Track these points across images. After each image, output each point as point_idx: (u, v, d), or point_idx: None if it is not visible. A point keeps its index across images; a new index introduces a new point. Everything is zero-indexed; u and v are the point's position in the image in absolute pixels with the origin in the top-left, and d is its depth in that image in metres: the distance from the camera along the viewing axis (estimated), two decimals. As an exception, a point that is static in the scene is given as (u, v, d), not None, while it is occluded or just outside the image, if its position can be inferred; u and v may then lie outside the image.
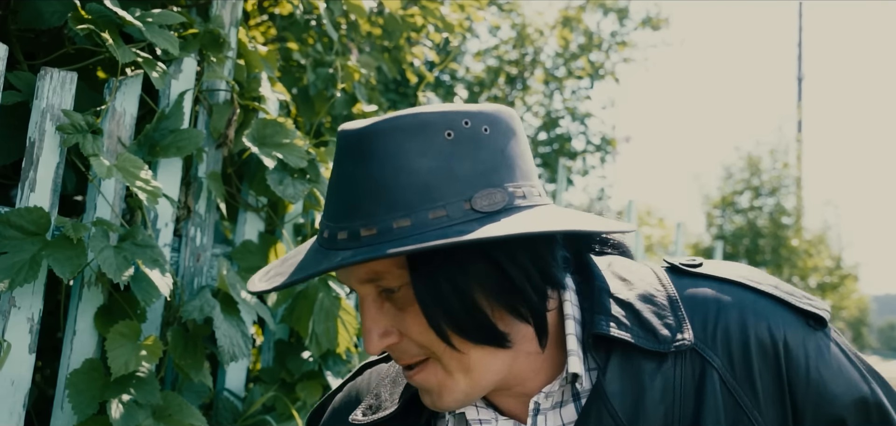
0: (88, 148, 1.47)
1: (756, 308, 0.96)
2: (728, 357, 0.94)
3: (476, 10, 3.49)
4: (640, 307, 0.97)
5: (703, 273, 1.02)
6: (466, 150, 0.91)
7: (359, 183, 0.91)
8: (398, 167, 0.89)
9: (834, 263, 16.12)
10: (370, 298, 0.95)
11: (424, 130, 0.90)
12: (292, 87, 2.54)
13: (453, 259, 0.89)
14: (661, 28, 9.88)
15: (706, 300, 0.98)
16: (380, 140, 0.90)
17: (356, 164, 0.92)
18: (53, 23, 1.63)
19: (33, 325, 1.45)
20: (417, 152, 0.89)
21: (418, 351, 0.95)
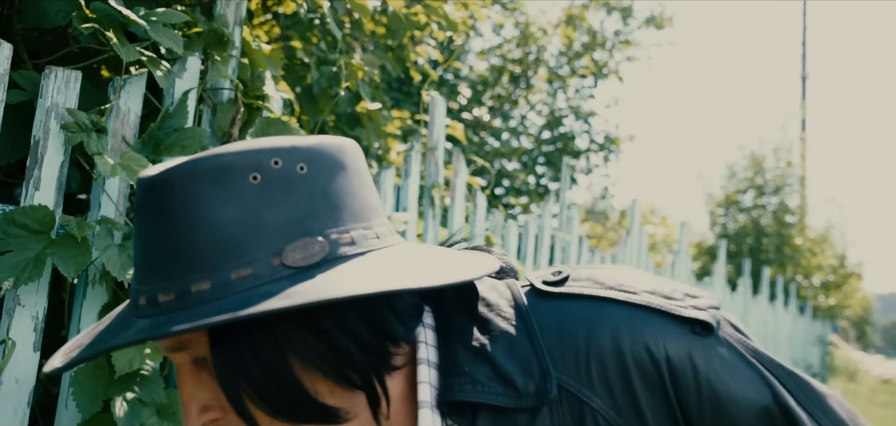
0: (93, 146, 1.48)
1: (631, 325, 0.84)
2: (608, 392, 0.83)
3: (480, 8, 3.49)
4: (498, 355, 0.84)
5: (568, 292, 0.89)
6: (277, 194, 0.78)
7: (155, 240, 0.79)
8: (196, 220, 0.76)
9: (838, 262, 16.12)
10: (185, 368, 0.83)
11: (225, 175, 0.77)
12: (296, 86, 2.54)
13: (261, 328, 0.76)
14: (664, 27, 9.90)
15: (574, 330, 0.85)
16: (175, 189, 0.77)
17: (152, 217, 0.79)
18: (58, 22, 1.64)
19: (38, 324, 1.46)
20: (218, 201, 0.76)
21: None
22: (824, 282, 15.25)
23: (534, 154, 8.82)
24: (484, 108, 8.05)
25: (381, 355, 0.82)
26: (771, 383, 0.85)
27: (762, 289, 9.61)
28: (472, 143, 7.28)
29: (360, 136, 2.76)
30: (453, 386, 0.84)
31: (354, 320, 0.79)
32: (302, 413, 0.79)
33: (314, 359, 0.78)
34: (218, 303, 0.74)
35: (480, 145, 7.79)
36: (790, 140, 14.76)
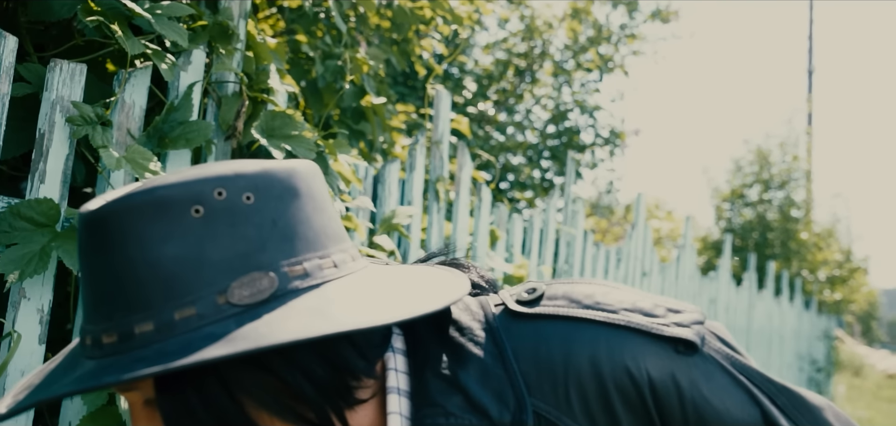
0: (98, 139, 1.48)
1: (610, 347, 0.80)
2: (588, 419, 0.79)
3: (485, 2, 3.49)
4: (470, 384, 0.81)
5: (543, 313, 0.84)
6: (221, 227, 0.73)
7: (97, 278, 0.75)
8: (135, 258, 0.72)
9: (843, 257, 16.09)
10: (137, 408, 0.80)
11: (166, 210, 0.72)
12: (301, 80, 2.54)
13: (210, 372, 0.73)
14: (670, 21, 9.87)
15: (551, 355, 0.81)
16: (112, 226, 0.73)
17: (93, 254, 0.75)
18: (63, 15, 1.64)
19: (43, 316, 1.46)
20: (160, 238, 0.72)
21: None
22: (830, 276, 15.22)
23: (539, 148, 8.82)
24: (489, 102, 8.04)
25: (340, 391, 0.78)
26: (760, 401, 0.81)
27: (767, 284, 9.59)
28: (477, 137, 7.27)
29: (365, 130, 2.76)
30: (424, 419, 0.80)
31: (308, 359, 0.75)
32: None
33: (266, 400, 0.74)
34: (161, 344, 0.70)
35: (485, 139, 7.78)
36: (796, 134, 14.72)
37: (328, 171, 1.95)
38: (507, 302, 0.87)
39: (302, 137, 1.87)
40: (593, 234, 4.80)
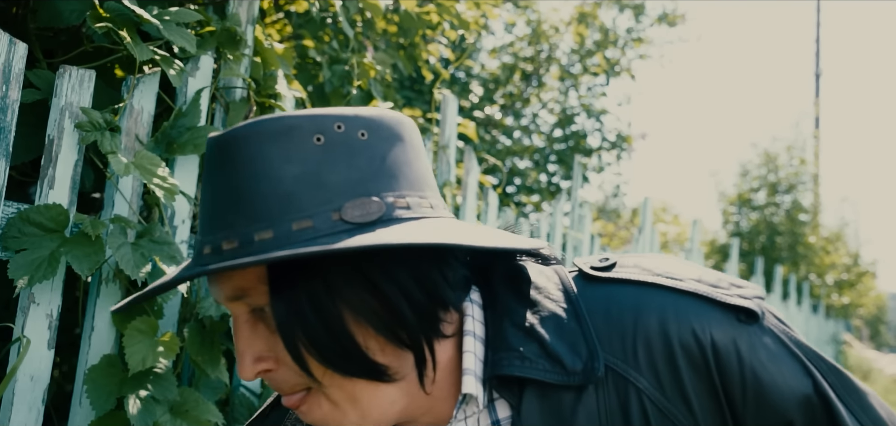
0: (106, 145, 1.48)
1: (677, 310, 0.85)
2: (654, 374, 0.84)
3: (491, 7, 3.49)
4: (546, 334, 0.86)
5: (616, 277, 0.91)
6: (338, 156, 0.82)
7: (221, 193, 0.83)
8: (259, 174, 0.81)
9: (851, 260, 16.03)
10: (242, 319, 0.86)
11: (290, 135, 0.82)
12: (308, 85, 2.54)
13: (318, 276, 0.80)
14: (677, 24, 9.86)
15: (622, 313, 0.87)
16: (240, 146, 0.82)
17: (218, 172, 0.84)
18: (72, 21, 1.65)
19: (52, 322, 1.47)
20: (281, 158, 0.81)
21: (298, 380, 0.85)
22: (838, 280, 15.16)
23: (545, 152, 8.81)
24: (496, 106, 8.04)
25: (431, 318, 0.85)
26: (813, 374, 0.86)
27: (775, 288, 9.57)
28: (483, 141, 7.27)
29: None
30: (502, 361, 0.85)
31: (406, 278, 0.82)
32: (352, 366, 0.82)
33: (367, 314, 0.81)
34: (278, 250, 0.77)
35: (492, 143, 7.78)
36: (804, 138, 14.68)
37: (335, 176, 1.95)
38: (581, 267, 0.94)
39: (309, 143, 1.88)
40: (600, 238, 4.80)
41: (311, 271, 0.80)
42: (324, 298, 0.80)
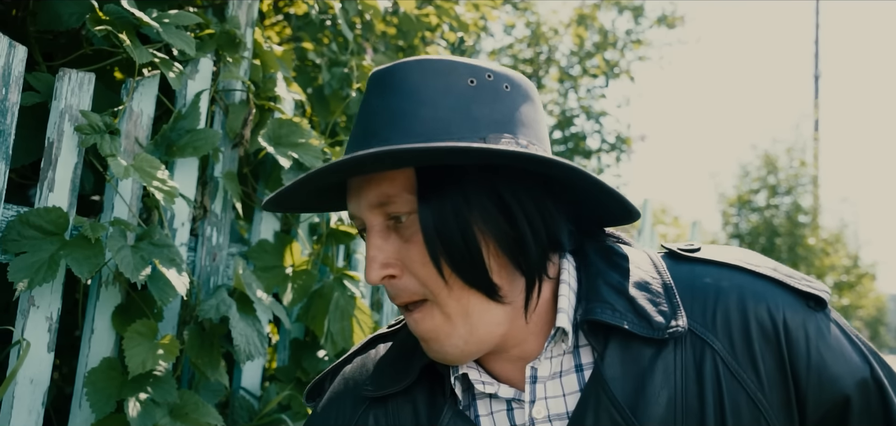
0: (106, 148, 1.49)
1: (755, 290, 0.95)
2: (729, 339, 0.93)
3: (490, 9, 3.49)
4: (635, 294, 0.96)
5: (701, 257, 1.01)
6: (485, 98, 0.94)
7: (380, 113, 0.95)
8: (419, 100, 0.93)
9: (851, 262, 16.02)
10: (377, 227, 0.95)
11: (449, 73, 0.95)
12: (308, 87, 2.54)
13: (461, 191, 0.91)
14: (676, 26, 9.86)
15: (704, 285, 0.97)
16: (405, 75, 0.95)
17: (380, 96, 0.96)
18: (71, 24, 1.65)
19: (52, 324, 1.47)
20: (440, 91, 0.93)
21: (418, 289, 0.95)
22: (838, 282, 15.16)
23: (545, 154, 8.79)
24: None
25: (545, 252, 0.96)
26: (870, 362, 0.95)
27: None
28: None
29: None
30: (594, 309, 0.95)
31: (533, 210, 0.93)
32: (476, 277, 0.92)
33: (496, 232, 0.92)
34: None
35: (491, 145, 7.76)
36: (803, 139, 14.67)
37: (335, 179, 1.96)
38: (669, 248, 1.05)
39: (309, 145, 1.88)
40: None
41: (455, 184, 0.91)
42: (463, 209, 0.91)
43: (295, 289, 1.95)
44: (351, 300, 2.01)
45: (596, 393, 0.93)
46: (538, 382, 0.99)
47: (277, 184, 1.92)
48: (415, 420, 1.04)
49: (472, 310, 0.94)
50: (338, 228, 2.08)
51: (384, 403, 1.08)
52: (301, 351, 2.08)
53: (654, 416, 0.91)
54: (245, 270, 1.79)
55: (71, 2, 1.65)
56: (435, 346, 0.97)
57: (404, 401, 1.06)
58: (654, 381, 0.92)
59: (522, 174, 0.93)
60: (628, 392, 0.93)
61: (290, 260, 1.99)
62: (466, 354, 0.96)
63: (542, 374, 0.99)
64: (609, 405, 0.92)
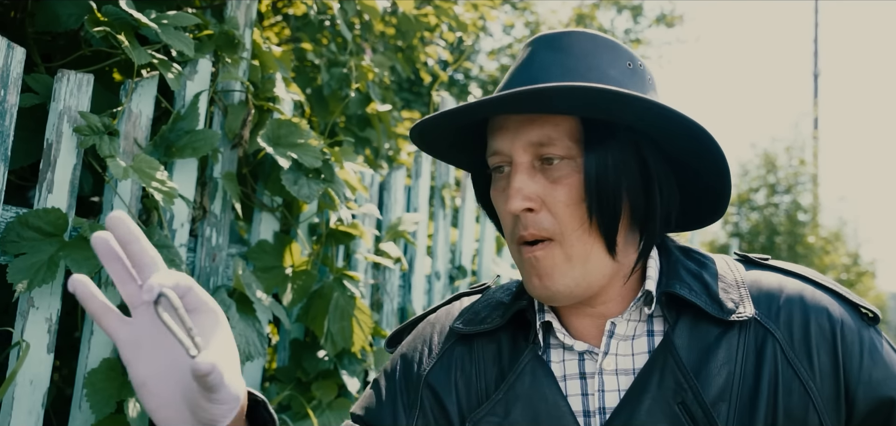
0: (105, 149, 1.49)
1: (816, 297, 1.05)
2: (789, 331, 1.02)
3: (489, 9, 3.49)
4: (709, 281, 1.07)
5: (770, 264, 1.12)
6: (636, 82, 1.06)
7: (550, 66, 1.04)
8: (589, 65, 1.04)
9: (851, 260, 16.00)
10: (525, 164, 1.04)
11: (614, 50, 1.07)
12: (307, 88, 2.54)
13: (619, 147, 1.02)
14: (675, 25, 9.87)
15: (771, 285, 1.07)
16: (578, 40, 1.07)
17: (551, 52, 1.06)
18: (70, 25, 1.65)
19: (51, 326, 1.47)
20: (606, 62, 1.05)
21: (551, 227, 1.03)
22: (837, 280, 15.16)
23: (544, 154, 8.79)
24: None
25: (664, 225, 1.08)
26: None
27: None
28: (482, 143, 7.26)
29: (371, 137, 2.77)
30: (674, 284, 1.06)
31: (665, 184, 1.06)
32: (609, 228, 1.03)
33: (633, 194, 1.04)
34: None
35: (491, 145, 7.76)
36: (803, 138, 14.64)
37: (334, 179, 1.96)
38: (743, 254, 1.16)
39: (308, 145, 1.88)
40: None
41: (615, 139, 1.02)
42: (620, 164, 1.02)
43: (295, 289, 1.95)
44: (351, 300, 2.01)
45: (664, 355, 1.03)
46: (614, 338, 1.08)
47: (277, 184, 1.91)
48: (498, 359, 1.14)
49: (591, 256, 1.04)
50: (337, 228, 2.08)
51: (470, 341, 1.17)
52: (301, 351, 2.08)
53: (713, 386, 1.00)
54: (245, 271, 1.79)
55: (69, 3, 1.65)
56: (547, 282, 1.04)
57: (489, 341, 1.16)
58: (717, 357, 1.01)
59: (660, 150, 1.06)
60: (693, 360, 1.02)
61: (289, 260, 1.99)
62: (573, 296, 1.05)
63: (619, 332, 1.08)
64: (675, 367, 1.01)
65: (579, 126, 1.03)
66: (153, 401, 0.86)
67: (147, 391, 0.86)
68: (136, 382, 0.86)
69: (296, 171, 1.87)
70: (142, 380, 0.86)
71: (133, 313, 0.87)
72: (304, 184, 1.86)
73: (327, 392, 2.00)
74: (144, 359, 0.86)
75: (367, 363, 2.12)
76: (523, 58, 1.09)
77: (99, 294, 0.85)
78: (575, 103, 0.98)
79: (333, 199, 1.97)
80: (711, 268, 1.11)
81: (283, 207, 2.03)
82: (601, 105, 0.97)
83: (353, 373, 2.05)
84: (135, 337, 0.86)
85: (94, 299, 0.84)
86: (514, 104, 0.99)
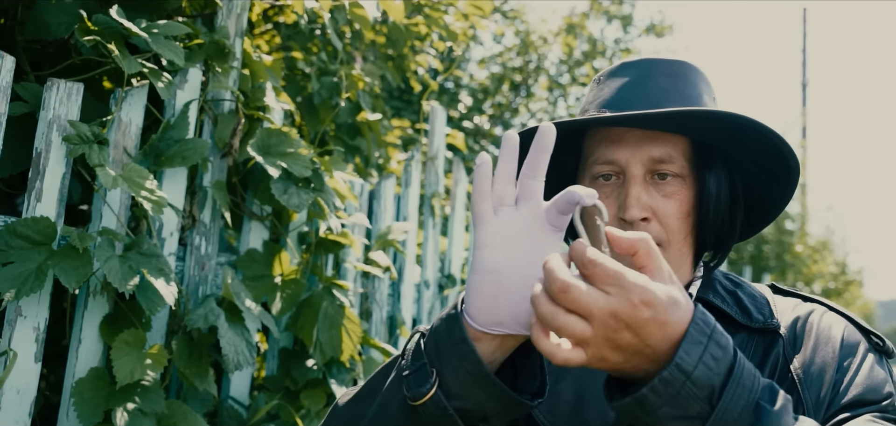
0: (94, 158, 1.48)
1: (829, 315, 1.15)
2: (792, 333, 1.12)
3: (479, 18, 3.50)
4: (742, 296, 1.18)
5: (797, 293, 1.22)
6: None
7: (669, 90, 1.16)
8: (697, 93, 1.18)
9: (839, 269, 16.09)
10: (640, 177, 1.14)
11: (707, 84, 1.22)
12: (297, 96, 2.55)
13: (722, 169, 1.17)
14: (665, 35, 9.89)
15: (795, 307, 1.17)
16: (689, 70, 1.20)
17: (667, 79, 1.18)
18: (60, 34, 1.65)
19: (39, 335, 1.46)
20: (706, 94, 1.20)
21: (659, 235, 1.13)
22: (825, 289, 15.22)
23: (534, 162, 8.78)
24: (484, 116, 8.05)
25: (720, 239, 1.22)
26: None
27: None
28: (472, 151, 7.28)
29: (361, 146, 2.77)
30: (709, 294, 1.17)
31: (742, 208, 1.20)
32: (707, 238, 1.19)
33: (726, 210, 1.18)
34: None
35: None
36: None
37: (324, 188, 1.96)
38: (774, 284, 1.25)
39: (297, 154, 1.88)
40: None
41: (721, 160, 1.16)
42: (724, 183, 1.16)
43: (284, 298, 1.95)
44: (340, 309, 2.02)
45: None
46: None
47: (266, 193, 1.91)
48: None
49: (682, 265, 1.17)
50: (327, 237, 2.08)
51: None
52: (290, 360, 2.08)
53: None
54: (234, 280, 1.79)
55: (59, 11, 1.65)
56: None
57: None
58: None
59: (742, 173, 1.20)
60: None
61: (278, 269, 1.99)
62: None
63: None
64: None
65: (691, 148, 1.16)
66: (494, 288, 0.91)
67: (495, 277, 0.92)
68: (485, 267, 0.92)
69: (285, 180, 1.87)
70: (493, 267, 0.92)
71: (500, 211, 0.94)
72: (293, 193, 1.86)
73: (316, 401, 2.00)
74: (503, 251, 0.92)
75: (356, 372, 2.12)
76: (634, 77, 1.19)
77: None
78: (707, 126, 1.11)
79: (323, 208, 1.97)
80: (745, 287, 1.21)
81: (272, 216, 2.04)
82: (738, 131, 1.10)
83: (341, 382, 2.04)
84: (500, 228, 0.93)
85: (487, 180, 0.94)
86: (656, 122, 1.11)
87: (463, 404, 0.94)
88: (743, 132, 1.10)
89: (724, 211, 1.17)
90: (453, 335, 0.94)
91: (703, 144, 1.16)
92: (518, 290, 0.91)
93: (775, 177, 1.18)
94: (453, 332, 0.94)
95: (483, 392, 0.93)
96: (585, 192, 0.87)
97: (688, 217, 1.16)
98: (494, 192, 0.94)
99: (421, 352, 0.98)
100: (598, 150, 1.18)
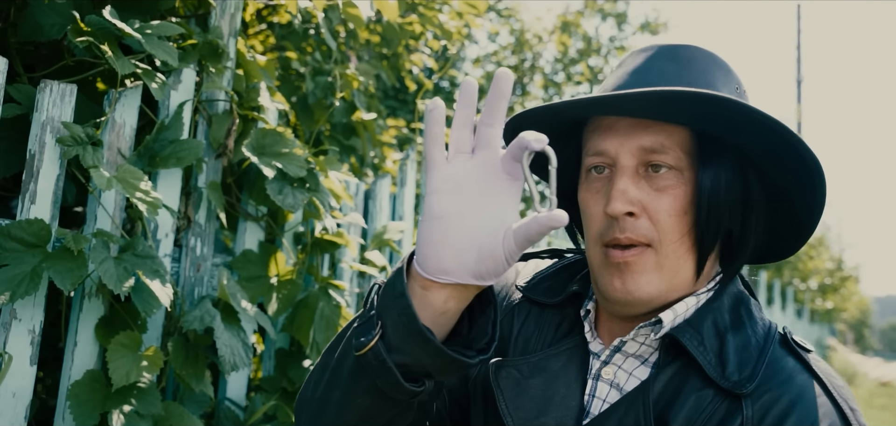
0: (88, 160, 1.48)
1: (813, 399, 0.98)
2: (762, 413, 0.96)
3: (474, 17, 3.50)
4: (728, 347, 1.02)
5: (802, 356, 1.03)
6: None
7: (670, 74, 1.05)
8: (706, 80, 1.05)
9: (835, 265, 16.12)
10: (630, 169, 1.03)
11: (727, 72, 1.09)
12: (291, 96, 2.54)
13: (730, 166, 1.02)
14: (659, 32, 9.91)
15: (783, 370, 1.00)
16: (697, 55, 1.08)
17: (670, 63, 1.06)
18: (53, 35, 1.64)
19: (34, 337, 1.46)
20: (720, 81, 1.06)
21: (649, 234, 1.02)
22: (821, 285, 15.25)
23: (530, 161, 8.81)
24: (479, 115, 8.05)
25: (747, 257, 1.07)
26: None
27: (759, 293, 9.62)
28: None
29: (356, 146, 2.77)
30: (686, 332, 1.02)
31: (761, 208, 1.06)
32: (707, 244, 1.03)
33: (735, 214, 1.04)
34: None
35: (477, 152, 7.77)
36: (786, 144, 14.75)
37: (319, 188, 1.96)
38: (788, 333, 1.07)
39: (292, 154, 1.88)
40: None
41: (727, 157, 1.02)
42: (730, 181, 1.02)
43: (280, 299, 1.95)
44: (336, 309, 2.01)
45: (637, 396, 1.02)
46: (620, 353, 1.08)
47: (261, 193, 1.91)
48: (538, 328, 1.17)
49: (679, 271, 1.03)
50: (322, 238, 2.08)
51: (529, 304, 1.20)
52: (286, 361, 2.07)
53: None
54: (229, 281, 1.79)
55: (52, 13, 1.65)
56: (631, 286, 1.03)
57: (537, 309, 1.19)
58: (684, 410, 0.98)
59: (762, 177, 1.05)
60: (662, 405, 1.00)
61: (274, 270, 1.99)
62: (649, 305, 1.04)
63: (628, 350, 1.08)
64: (641, 410, 1.00)
65: (691, 139, 1.03)
66: (441, 235, 0.90)
67: (443, 224, 0.91)
68: (433, 213, 0.91)
69: (280, 181, 1.86)
70: (440, 213, 0.91)
71: (454, 158, 0.93)
72: (288, 193, 1.86)
73: (313, 401, 2.00)
74: (452, 197, 0.91)
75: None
76: (639, 63, 1.08)
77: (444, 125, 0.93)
78: (701, 112, 0.98)
79: (318, 208, 1.97)
80: (745, 331, 1.05)
81: (267, 217, 2.03)
82: (740, 120, 0.97)
83: (338, 383, 2.04)
84: (452, 175, 0.92)
85: (440, 125, 0.92)
86: (636, 105, 1.00)
87: (403, 359, 0.92)
88: (739, 119, 0.98)
89: (724, 211, 1.02)
90: (395, 287, 0.92)
91: (708, 136, 1.02)
92: (465, 238, 0.90)
93: (795, 178, 1.02)
94: (396, 285, 0.92)
95: (418, 347, 0.90)
96: (534, 136, 0.85)
97: (684, 215, 1.02)
98: (451, 138, 0.93)
99: (373, 303, 0.97)
100: (590, 141, 1.08)
